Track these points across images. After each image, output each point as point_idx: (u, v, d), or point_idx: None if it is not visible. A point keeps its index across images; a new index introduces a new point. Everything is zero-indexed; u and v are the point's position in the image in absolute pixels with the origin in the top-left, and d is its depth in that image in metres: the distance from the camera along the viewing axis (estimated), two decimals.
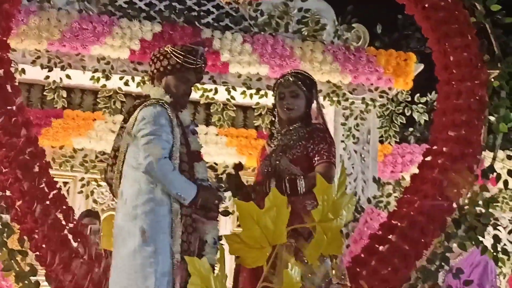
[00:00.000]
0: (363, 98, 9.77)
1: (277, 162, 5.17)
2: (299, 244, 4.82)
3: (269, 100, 9.46)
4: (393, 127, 10.65)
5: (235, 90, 9.44)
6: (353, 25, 9.74)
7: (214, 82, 9.35)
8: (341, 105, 9.66)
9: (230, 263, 5.64)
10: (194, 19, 9.43)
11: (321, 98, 5.52)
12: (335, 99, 9.60)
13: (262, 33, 9.60)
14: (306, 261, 4.78)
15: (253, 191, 5.37)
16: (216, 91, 9.48)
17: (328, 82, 9.58)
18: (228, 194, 5.31)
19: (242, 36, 9.38)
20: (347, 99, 9.67)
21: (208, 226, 4.94)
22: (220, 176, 8.73)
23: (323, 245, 1.76)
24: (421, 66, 9.65)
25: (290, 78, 5.29)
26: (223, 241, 4.95)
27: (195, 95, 8.95)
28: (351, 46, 9.63)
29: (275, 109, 5.43)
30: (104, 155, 9.70)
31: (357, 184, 9.69)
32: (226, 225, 9.43)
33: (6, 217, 5.80)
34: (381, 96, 9.83)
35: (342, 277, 5.15)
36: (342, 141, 9.61)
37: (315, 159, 5.10)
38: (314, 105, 5.36)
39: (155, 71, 5.09)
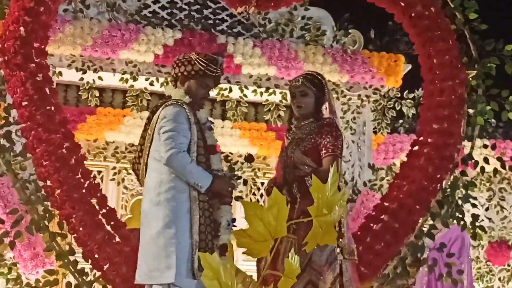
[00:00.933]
0: (359, 95, 9.79)
1: (292, 153, 5.19)
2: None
3: (277, 97, 9.54)
4: (385, 119, 10.71)
5: (247, 88, 9.43)
6: (350, 31, 9.76)
7: (229, 82, 9.36)
8: (339, 101, 9.66)
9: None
10: (210, 27, 9.45)
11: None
12: (334, 95, 9.53)
13: (270, 38, 9.61)
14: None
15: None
16: (230, 90, 9.49)
17: (328, 81, 9.38)
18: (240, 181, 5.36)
19: (252, 41, 9.37)
20: (345, 96, 9.68)
21: (223, 210, 4.98)
22: (233, 166, 8.73)
23: (319, 237, 1.77)
24: (409, 66, 9.63)
25: (300, 79, 5.30)
26: (236, 223, 5.03)
27: (212, 93, 8.95)
28: (348, 50, 9.63)
29: (293, 108, 5.40)
30: (133, 146, 9.69)
31: (354, 169, 9.68)
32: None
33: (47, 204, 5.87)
34: (374, 93, 9.82)
35: (351, 252, 5.18)
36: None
37: (322, 152, 5.07)
38: (326, 102, 5.35)
39: (179, 74, 5.11)
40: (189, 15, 9.58)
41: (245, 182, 6.85)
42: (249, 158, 5.51)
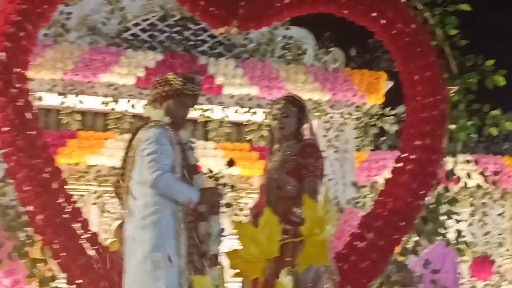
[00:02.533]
0: (341, 113, 9.90)
1: (275, 175, 5.16)
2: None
3: (259, 117, 9.57)
4: (368, 137, 10.69)
5: (228, 108, 9.47)
6: (331, 49, 9.87)
7: (211, 102, 9.41)
8: (322, 119, 9.72)
9: None
10: (191, 48, 9.55)
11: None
12: (316, 114, 9.67)
13: (252, 58, 9.69)
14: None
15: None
16: (212, 111, 9.50)
17: (310, 99, 9.60)
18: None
19: (234, 61, 9.47)
20: (327, 114, 9.78)
21: (212, 220, 4.95)
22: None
23: (312, 256, 1.83)
24: (391, 83, 9.68)
25: (282, 101, 5.31)
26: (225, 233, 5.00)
27: (194, 114, 9.01)
28: (329, 68, 9.72)
29: (271, 129, 5.41)
30: (115, 169, 9.69)
31: (338, 187, 9.72)
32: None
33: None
34: (356, 111, 9.96)
35: (333, 271, 5.17)
36: (323, 151, 9.50)
37: (303, 173, 5.07)
38: (307, 123, 5.36)
39: (157, 95, 5.05)
40: (170, 37, 9.63)
41: (228, 205, 6.84)
42: (230, 163, 5.47)
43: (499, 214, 11.17)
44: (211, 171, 9.72)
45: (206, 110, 9.47)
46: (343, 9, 6.34)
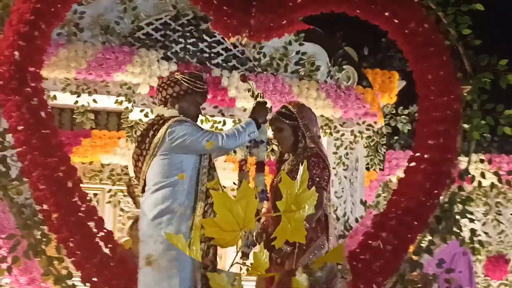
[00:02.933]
0: (352, 131, 9.94)
1: None
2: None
3: (270, 131, 9.57)
4: (378, 156, 10.61)
5: (241, 120, 9.48)
6: (344, 67, 9.86)
7: (223, 115, 9.48)
8: (332, 136, 9.82)
9: None
10: (205, 60, 9.54)
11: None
12: (327, 131, 9.75)
13: (265, 72, 9.70)
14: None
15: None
16: (224, 123, 9.55)
17: (322, 116, 9.66)
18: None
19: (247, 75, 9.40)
20: (338, 131, 9.85)
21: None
22: None
23: (287, 232, 1.87)
24: (404, 83, 9.68)
25: (273, 115, 5.44)
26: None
27: (205, 126, 9.16)
28: (342, 85, 9.75)
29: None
30: (128, 168, 9.72)
31: (346, 205, 9.80)
32: None
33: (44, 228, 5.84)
34: (367, 129, 10.00)
35: (346, 271, 5.18)
36: (334, 168, 9.68)
37: (309, 184, 5.03)
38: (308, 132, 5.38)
39: (167, 96, 5.17)
40: (184, 48, 9.62)
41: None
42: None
43: None
44: (224, 187, 9.79)
45: (219, 122, 9.49)
46: (356, 9, 6.35)
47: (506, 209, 11.10)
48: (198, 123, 5.37)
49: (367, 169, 10.32)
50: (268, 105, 5.45)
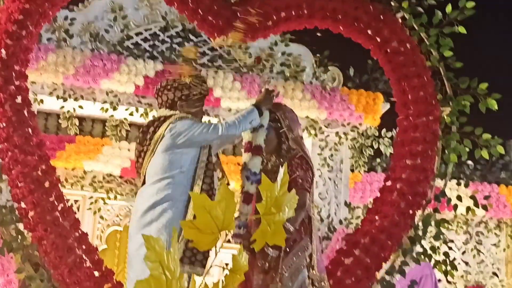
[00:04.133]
0: (337, 132, 9.93)
1: None
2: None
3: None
4: (362, 157, 10.69)
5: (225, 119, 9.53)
6: (329, 68, 9.93)
7: (208, 114, 9.45)
8: (317, 137, 9.79)
9: None
10: (191, 60, 9.57)
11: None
12: (312, 132, 9.74)
13: (250, 73, 9.72)
14: (284, 273, 4.89)
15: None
16: (209, 122, 9.52)
17: (307, 117, 9.70)
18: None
19: (232, 75, 9.53)
20: (323, 132, 9.83)
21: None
22: None
23: (267, 235, 1.81)
24: (388, 105, 9.72)
25: None
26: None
27: None
28: (327, 86, 9.79)
29: None
30: (110, 176, 9.75)
31: (331, 207, 9.75)
32: None
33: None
34: (352, 131, 10.01)
35: (322, 279, 5.18)
36: (318, 169, 9.65)
37: (292, 185, 4.79)
38: (291, 134, 5.32)
39: (175, 99, 5.18)
40: (170, 48, 9.70)
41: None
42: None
43: (494, 244, 11.18)
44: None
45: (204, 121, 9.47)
46: (339, 25, 6.42)
47: (486, 239, 11.12)
48: None
49: (352, 170, 10.30)
50: (275, 93, 5.49)
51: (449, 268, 6.70)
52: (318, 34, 7.40)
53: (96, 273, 5.65)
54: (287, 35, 9.64)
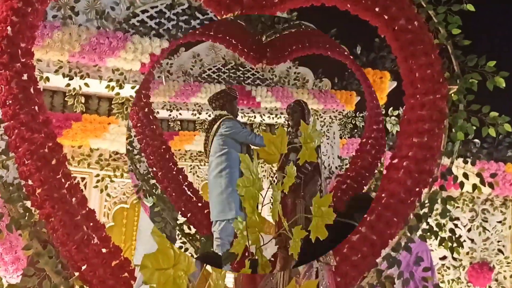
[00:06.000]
0: (330, 116, 12.99)
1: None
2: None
3: (282, 120, 12.05)
4: (346, 129, 13.81)
5: (264, 115, 12.05)
6: (323, 79, 13.38)
7: (253, 111, 11.96)
8: (319, 119, 12.76)
9: None
10: (241, 81, 11.57)
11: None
12: (315, 116, 12.57)
13: (276, 86, 12.89)
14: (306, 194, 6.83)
15: None
16: (254, 117, 12.01)
17: (312, 109, 12.49)
18: None
19: (266, 88, 12.48)
20: (321, 116, 12.89)
21: None
22: None
23: (307, 155, 2.83)
24: (395, 84, 9.87)
25: (291, 103, 7.75)
26: None
27: (244, 120, 11.38)
28: (322, 90, 13.16)
29: (288, 121, 7.68)
30: (116, 154, 9.82)
31: (329, 159, 12.89)
32: None
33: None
34: (339, 114, 13.05)
35: (328, 257, 5.39)
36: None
37: None
38: (309, 117, 7.63)
39: (222, 102, 7.37)
40: (176, 25, 9.78)
41: None
42: None
43: (499, 222, 11.22)
44: None
45: (251, 116, 11.99)
46: (346, 3, 6.46)
47: (492, 216, 11.14)
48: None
49: (340, 137, 13.69)
50: None
51: (455, 245, 6.72)
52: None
53: (104, 250, 5.70)
54: (294, 13, 9.86)
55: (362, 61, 12.12)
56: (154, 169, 8.00)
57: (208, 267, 5.56)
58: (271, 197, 5.46)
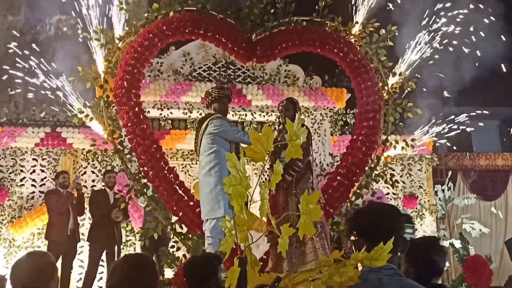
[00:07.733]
0: (321, 113, 9.92)
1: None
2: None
3: (273, 118, 9.69)
4: (336, 126, 10.72)
5: (255, 113, 9.69)
6: (313, 76, 9.96)
7: (244, 110, 9.60)
8: (310, 117, 9.82)
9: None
10: (232, 79, 9.70)
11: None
12: (306, 114, 9.76)
13: (267, 83, 9.78)
14: (298, 192, 4.95)
15: None
16: (246, 115, 9.71)
17: (302, 106, 9.52)
18: None
19: (257, 86, 9.61)
20: (312, 114, 9.85)
21: None
22: None
23: (293, 152, 1.83)
24: (349, 95, 9.71)
25: (284, 100, 5.45)
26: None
27: (233, 118, 9.39)
28: (313, 87, 9.82)
29: (280, 119, 5.50)
30: (192, 151, 9.82)
31: (321, 156, 9.77)
32: None
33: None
34: (330, 111, 10.02)
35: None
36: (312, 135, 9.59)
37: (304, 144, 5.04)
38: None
39: (209, 101, 5.40)
40: (219, 73, 9.74)
41: None
42: None
43: (419, 169, 11.08)
44: None
45: (242, 115, 9.68)
46: (316, 48, 6.38)
47: (413, 166, 11.00)
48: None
49: (331, 134, 10.19)
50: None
51: (394, 184, 6.74)
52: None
53: (191, 203, 5.72)
54: (287, 59, 9.66)
55: (329, 83, 9.98)
56: (145, 168, 5.71)
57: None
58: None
